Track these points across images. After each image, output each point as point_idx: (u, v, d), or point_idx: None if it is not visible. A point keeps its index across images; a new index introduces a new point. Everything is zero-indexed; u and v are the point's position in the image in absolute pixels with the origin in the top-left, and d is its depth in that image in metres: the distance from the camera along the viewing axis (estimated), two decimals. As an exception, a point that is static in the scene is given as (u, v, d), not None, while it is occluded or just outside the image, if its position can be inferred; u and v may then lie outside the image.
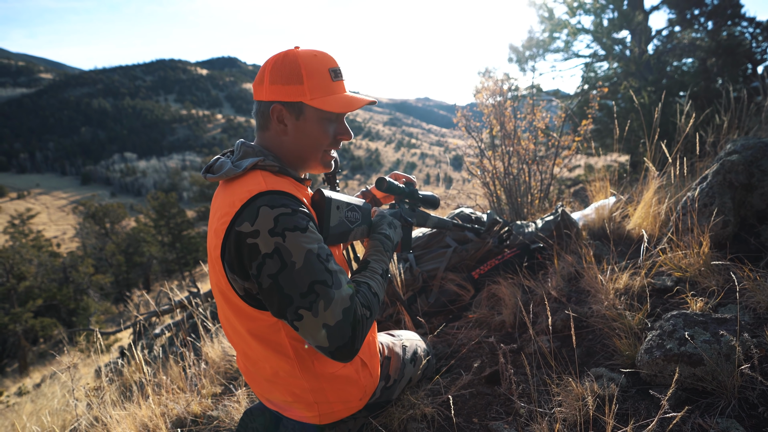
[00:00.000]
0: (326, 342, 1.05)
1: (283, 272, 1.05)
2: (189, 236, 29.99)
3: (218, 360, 2.58)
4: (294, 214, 1.08)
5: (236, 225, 1.08)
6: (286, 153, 1.27)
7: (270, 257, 1.05)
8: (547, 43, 11.39)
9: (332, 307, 1.05)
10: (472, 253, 2.78)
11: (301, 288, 1.04)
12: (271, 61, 1.21)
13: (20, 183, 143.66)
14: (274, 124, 1.23)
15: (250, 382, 1.40)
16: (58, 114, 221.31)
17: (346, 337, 1.06)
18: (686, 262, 1.96)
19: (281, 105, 1.20)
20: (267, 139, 1.27)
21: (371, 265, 1.28)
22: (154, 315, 5.82)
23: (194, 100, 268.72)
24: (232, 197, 1.12)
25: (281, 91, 1.19)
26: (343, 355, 1.08)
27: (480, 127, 4.27)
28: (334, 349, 1.06)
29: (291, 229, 1.06)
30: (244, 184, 1.14)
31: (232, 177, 1.18)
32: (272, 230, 1.05)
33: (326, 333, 1.05)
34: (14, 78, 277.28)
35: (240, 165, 1.18)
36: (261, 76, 1.22)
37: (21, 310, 18.71)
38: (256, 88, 1.24)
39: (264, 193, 1.10)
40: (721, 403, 1.25)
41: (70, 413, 2.78)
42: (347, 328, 1.06)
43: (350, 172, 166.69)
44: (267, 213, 1.06)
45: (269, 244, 1.05)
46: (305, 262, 1.06)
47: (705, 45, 8.44)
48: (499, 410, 1.56)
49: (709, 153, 3.18)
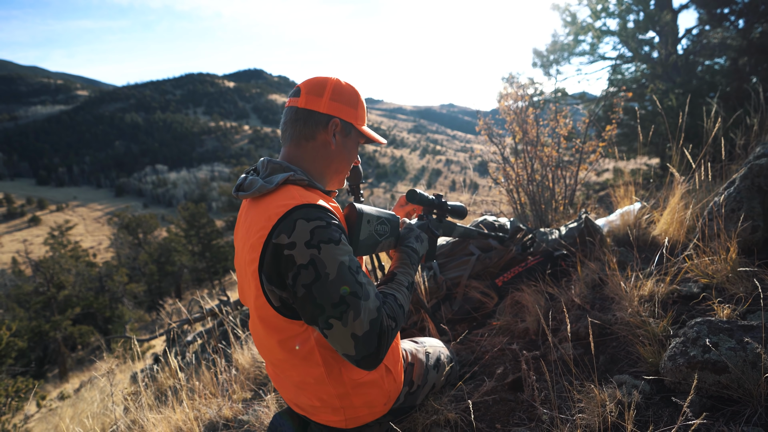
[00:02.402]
0: (353, 351, 1.11)
1: (317, 283, 1.10)
2: (218, 245, 30.59)
3: (248, 366, 2.66)
4: (328, 227, 1.14)
5: (273, 237, 1.13)
6: (319, 165, 1.35)
7: (305, 268, 1.10)
8: (572, 46, 11.27)
9: (361, 317, 1.10)
10: (495, 261, 2.80)
11: (333, 298, 1.09)
12: (331, 82, 1.33)
13: (59, 196, 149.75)
14: (324, 135, 1.32)
15: (279, 388, 1.45)
16: (93, 129, 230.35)
17: (372, 347, 1.11)
18: (713, 269, 1.94)
19: (339, 120, 1.33)
20: (305, 149, 1.33)
21: (398, 278, 1.34)
22: (186, 323, 5.99)
23: (222, 112, 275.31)
24: (267, 212, 1.17)
25: (342, 110, 1.33)
26: (368, 363, 1.13)
27: (503, 134, 4.28)
28: (360, 358, 1.12)
29: (326, 242, 1.11)
30: (279, 198, 1.19)
31: (264, 193, 1.23)
32: (308, 242, 1.10)
33: (354, 343, 1.10)
34: (53, 96, 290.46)
35: (271, 181, 1.23)
36: (319, 90, 1.31)
37: (60, 318, 19.43)
38: (309, 98, 1.31)
39: (300, 207, 1.15)
40: (747, 411, 1.24)
41: (108, 417, 2.90)
42: (374, 338, 1.11)
43: (375, 180, 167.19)
44: (303, 226, 1.11)
45: (305, 255, 1.10)
46: (338, 274, 1.11)
47: (736, 44, 8.20)
48: (521, 416, 1.57)
49: (740, 156, 3.11)
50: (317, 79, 1.34)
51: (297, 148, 1.33)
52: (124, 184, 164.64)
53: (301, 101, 1.31)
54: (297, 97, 1.33)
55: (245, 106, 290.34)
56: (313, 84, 1.33)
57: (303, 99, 1.31)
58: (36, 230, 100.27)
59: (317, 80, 1.34)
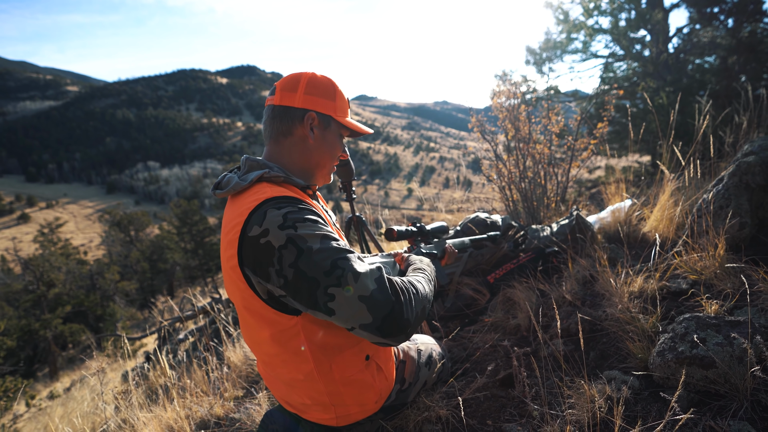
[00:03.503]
0: (369, 316, 1.04)
1: (301, 257, 1.06)
2: (211, 243, 30.46)
3: (240, 364, 2.65)
4: (301, 211, 1.13)
5: (247, 231, 1.11)
6: (299, 160, 1.35)
7: (285, 248, 1.07)
8: (565, 44, 11.31)
9: (362, 279, 1.05)
10: (487, 258, 2.81)
11: (324, 267, 1.05)
12: (305, 76, 1.33)
13: (49, 193, 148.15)
14: (301, 130, 1.32)
15: (270, 386, 1.45)
16: (84, 125, 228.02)
17: (389, 304, 1.05)
18: (701, 265, 1.96)
19: (315, 113, 1.32)
20: (284, 146, 1.33)
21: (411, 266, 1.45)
22: (178, 321, 5.96)
23: (215, 109, 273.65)
24: (240, 208, 1.17)
25: (317, 102, 1.32)
26: (393, 326, 1.05)
27: (495, 132, 4.29)
28: (380, 321, 1.04)
29: (301, 221, 1.10)
30: (251, 194, 1.19)
31: (239, 190, 1.24)
32: (282, 225, 1.08)
33: (366, 306, 1.03)
34: (43, 91, 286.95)
35: (246, 178, 1.24)
36: (293, 85, 1.31)
37: (51, 317, 19.27)
38: (284, 95, 1.31)
39: (270, 199, 1.15)
40: (734, 406, 1.25)
41: (99, 416, 2.88)
42: (387, 295, 1.05)
43: (369, 177, 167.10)
44: (274, 213, 1.11)
45: (281, 237, 1.07)
46: (322, 244, 1.08)
47: (725, 43, 8.28)
48: (512, 412, 1.58)
49: (729, 153, 3.14)
50: (291, 76, 1.35)
51: (276, 145, 1.34)
52: (115, 181, 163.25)
53: (276, 98, 1.32)
54: (273, 95, 1.34)
55: (238, 102, 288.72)
56: (287, 81, 1.34)
57: (278, 96, 1.32)
58: (25, 228, 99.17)
59: (291, 77, 1.35)
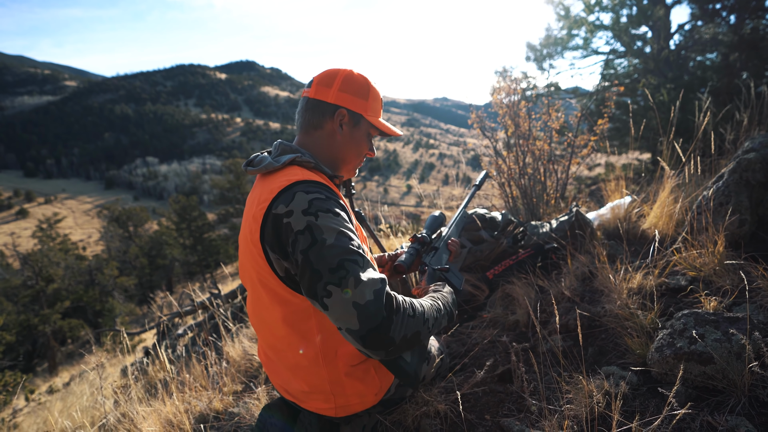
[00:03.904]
0: (356, 323, 1.03)
1: (313, 248, 1.09)
2: (210, 239, 30.46)
3: (239, 359, 2.65)
4: (327, 200, 1.18)
5: (273, 208, 1.18)
6: (327, 153, 1.41)
7: (302, 233, 1.12)
8: (566, 40, 11.28)
9: (362, 287, 1.04)
10: (486, 254, 2.81)
11: (331, 263, 1.07)
12: (342, 73, 1.39)
13: (47, 188, 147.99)
14: (331, 125, 1.38)
15: (271, 373, 1.46)
16: (82, 120, 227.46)
17: (378, 319, 1.03)
18: (701, 262, 1.96)
19: (346, 111, 1.38)
20: (314, 137, 1.40)
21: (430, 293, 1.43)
22: (177, 316, 5.97)
23: (213, 104, 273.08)
24: (270, 186, 1.23)
25: (349, 100, 1.38)
26: (376, 342, 1.04)
27: (495, 128, 4.28)
28: (365, 332, 1.03)
29: (324, 211, 1.15)
30: (283, 175, 1.25)
31: (270, 170, 1.30)
32: (306, 210, 1.14)
33: (357, 313, 1.03)
34: (40, 86, 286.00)
35: (279, 160, 1.32)
36: (329, 81, 1.38)
37: (50, 312, 19.28)
38: (319, 89, 1.38)
39: (301, 182, 1.21)
40: (732, 401, 1.26)
41: (98, 410, 2.89)
42: (380, 309, 1.04)
43: (368, 174, 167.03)
44: (302, 197, 1.16)
45: (302, 221, 1.13)
46: (336, 240, 1.10)
47: (727, 40, 8.26)
48: (510, 407, 1.59)
49: (729, 150, 3.14)
50: (329, 71, 1.41)
51: (307, 136, 1.41)
52: (114, 177, 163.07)
53: (311, 91, 1.39)
54: (309, 87, 1.41)
55: (237, 98, 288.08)
56: (324, 75, 1.40)
57: (313, 89, 1.39)
58: (24, 223, 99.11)
59: (329, 72, 1.40)
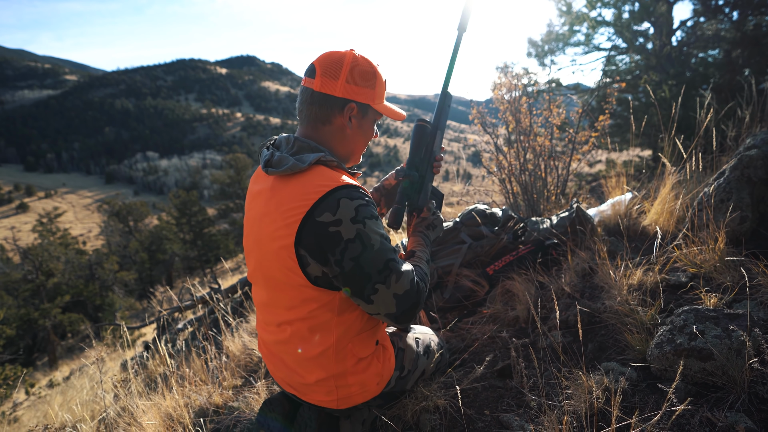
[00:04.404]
0: (394, 308, 1.25)
1: (364, 254, 1.20)
2: (210, 234, 30.45)
3: (238, 353, 2.66)
4: (369, 205, 1.23)
5: (316, 216, 1.18)
6: (338, 147, 1.39)
7: (353, 242, 1.18)
8: (567, 36, 11.22)
9: (402, 279, 1.24)
10: (486, 249, 2.80)
11: (379, 265, 1.21)
12: (347, 61, 1.31)
13: (47, 182, 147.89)
14: (340, 119, 1.34)
15: (273, 366, 1.46)
16: (82, 115, 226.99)
17: (411, 302, 1.27)
18: (701, 258, 1.96)
19: (355, 104, 1.33)
20: (322, 132, 1.36)
21: (417, 254, 1.48)
22: (177, 310, 5.97)
23: (214, 99, 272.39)
24: (304, 190, 1.21)
25: (357, 92, 1.33)
26: (407, 317, 1.28)
27: (496, 124, 4.27)
28: (401, 313, 1.26)
29: (369, 218, 1.21)
30: (314, 178, 1.23)
31: (296, 171, 1.25)
32: (354, 218, 1.19)
33: (396, 301, 1.25)
34: (41, 80, 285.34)
35: (303, 160, 1.26)
36: (334, 71, 1.29)
37: (50, 306, 19.30)
38: (324, 81, 1.29)
39: (342, 187, 1.21)
40: (731, 398, 1.26)
41: (98, 404, 2.90)
42: (413, 294, 1.27)
43: (369, 170, 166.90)
44: (348, 204, 1.19)
45: (351, 230, 1.18)
46: (381, 244, 1.23)
47: (730, 36, 8.22)
48: (510, 403, 1.59)
49: (731, 147, 3.13)
50: (333, 58, 1.31)
51: (314, 131, 1.35)
52: (114, 171, 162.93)
53: (316, 83, 1.30)
54: (312, 78, 1.31)
55: (238, 93, 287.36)
56: (328, 64, 1.30)
57: (318, 81, 1.30)
58: (24, 217, 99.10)
59: (333, 59, 1.31)
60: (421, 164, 1.58)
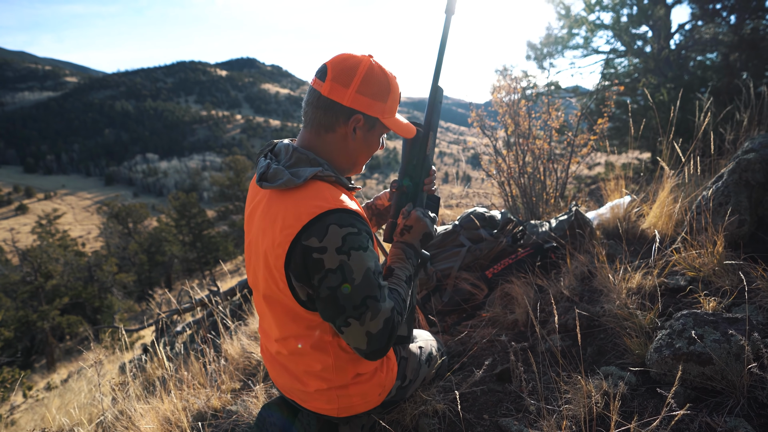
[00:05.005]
0: (365, 346, 1.18)
1: (342, 287, 1.13)
2: (209, 236, 30.38)
3: (237, 357, 2.65)
4: (359, 234, 1.15)
5: (303, 239, 1.13)
6: (339, 157, 1.30)
7: (333, 273, 1.12)
8: (566, 39, 11.25)
9: (377, 318, 1.16)
10: (485, 253, 2.80)
11: (355, 301, 1.14)
12: (362, 69, 1.21)
13: (47, 184, 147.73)
14: (344, 129, 1.25)
15: (274, 371, 1.45)
16: (82, 116, 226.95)
17: (383, 343, 1.19)
18: (700, 262, 1.96)
19: (362, 116, 1.24)
20: (324, 140, 1.27)
21: (396, 273, 1.35)
22: (176, 313, 5.96)
23: (214, 101, 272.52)
24: (297, 209, 1.15)
25: (367, 104, 1.23)
26: (376, 356, 1.21)
27: (495, 127, 4.27)
28: (370, 351, 1.19)
29: (356, 249, 1.14)
30: (308, 197, 1.16)
31: (291, 187, 1.18)
32: (339, 248, 1.12)
33: (367, 339, 1.17)
34: (41, 82, 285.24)
35: (298, 174, 1.19)
36: (346, 78, 1.20)
37: (48, 308, 19.23)
38: (334, 87, 1.20)
39: (333, 211, 1.14)
40: (730, 402, 1.25)
41: (96, 407, 2.88)
42: (386, 335, 1.18)
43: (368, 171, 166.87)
44: (336, 231, 1.12)
45: (334, 260, 1.12)
46: (363, 279, 1.14)
47: (727, 40, 8.24)
48: (509, 407, 1.58)
49: (729, 150, 3.13)
50: (347, 62, 1.22)
51: (317, 138, 1.27)
52: (113, 173, 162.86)
53: (325, 88, 1.21)
54: (322, 80, 1.22)
55: (237, 95, 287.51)
56: (341, 69, 1.21)
57: (327, 86, 1.21)
58: (23, 219, 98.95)
59: (347, 63, 1.21)
60: (415, 171, 1.49)
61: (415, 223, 1.43)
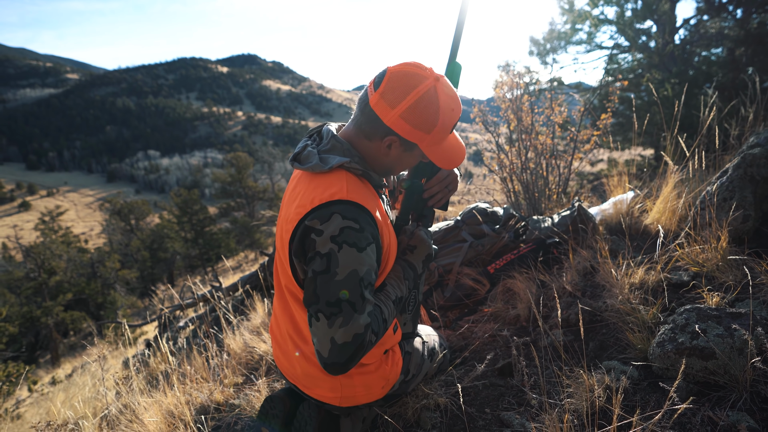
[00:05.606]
0: (326, 353, 1.10)
1: (323, 275, 1.12)
2: (211, 232, 30.44)
3: (240, 351, 2.66)
4: (360, 232, 1.14)
5: (306, 219, 1.16)
6: (373, 161, 1.31)
7: (320, 257, 1.13)
8: (569, 35, 11.20)
9: (348, 328, 1.09)
10: (488, 248, 2.80)
11: (330, 297, 1.10)
12: (414, 95, 1.15)
13: (49, 181, 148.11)
14: (380, 143, 1.25)
15: (281, 352, 1.47)
16: (84, 113, 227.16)
17: (344, 358, 1.10)
18: (704, 257, 1.95)
19: (398, 138, 1.22)
20: (363, 144, 1.27)
21: (386, 289, 1.32)
22: (179, 308, 5.97)
23: (215, 98, 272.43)
24: (313, 193, 1.19)
25: (407, 130, 1.19)
26: (333, 370, 1.12)
27: (498, 122, 4.26)
28: (330, 362, 1.11)
29: (350, 244, 1.12)
30: (328, 184, 1.19)
31: (317, 172, 1.22)
32: (334, 237, 1.12)
33: (330, 347, 1.10)
34: (42, 79, 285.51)
35: (326, 161, 1.22)
36: (395, 98, 1.16)
37: (52, 304, 19.32)
38: (380, 102, 1.17)
39: (342, 201, 1.15)
40: (733, 397, 1.25)
41: (100, 401, 2.90)
42: (350, 350, 1.10)
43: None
44: (337, 220, 1.13)
45: (326, 246, 1.12)
46: (346, 279, 1.11)
47: (733, 34, 8.19)
48: (511, 401, 1.59)
49: (734, 146, 3.12)
50: (404, 81, 1.16)
51: (356, 138, 1.28)
52: (115, 170, 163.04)
53: (373, 99, 1.18)
54: (375, 89, 1.18)
55: (239, 91, 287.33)
56: (395, 85, 1.16)
57: (375, 98, 1.18)
58: (26, 215, 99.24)
59: (404, 82, 1.16)
60: (426, 167, 1.48)
61: (419, 244, 1.44)
